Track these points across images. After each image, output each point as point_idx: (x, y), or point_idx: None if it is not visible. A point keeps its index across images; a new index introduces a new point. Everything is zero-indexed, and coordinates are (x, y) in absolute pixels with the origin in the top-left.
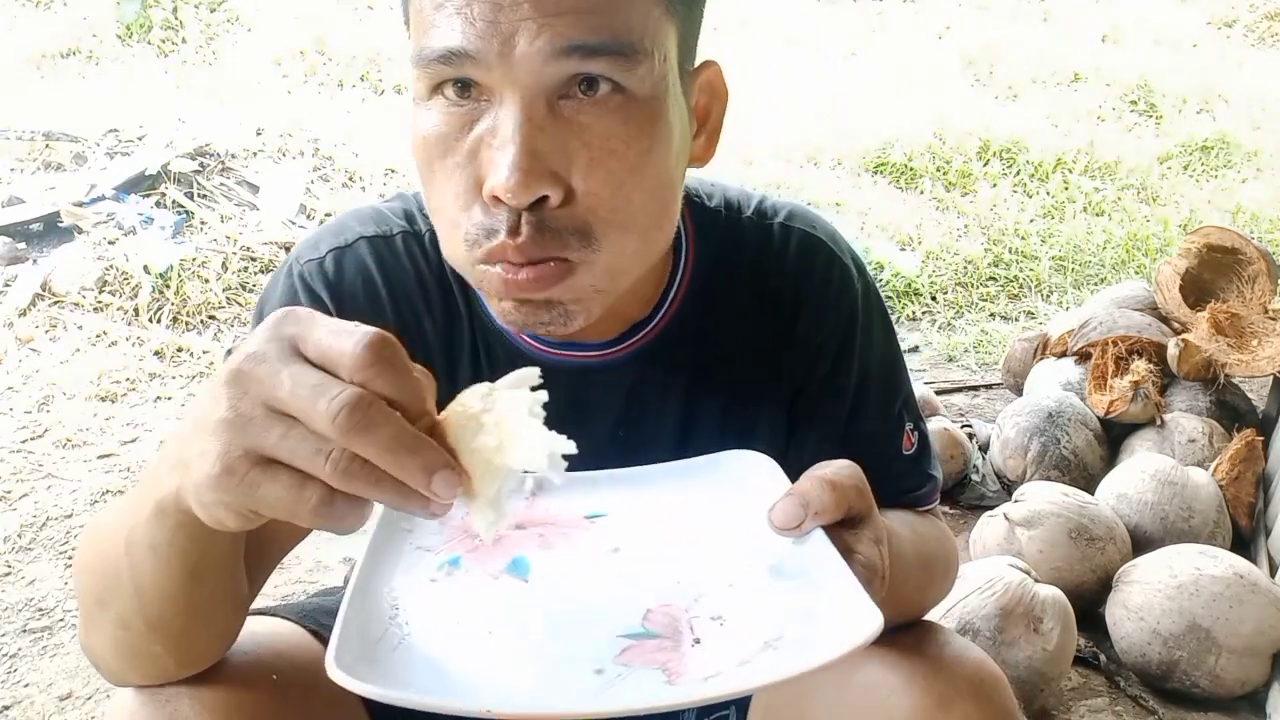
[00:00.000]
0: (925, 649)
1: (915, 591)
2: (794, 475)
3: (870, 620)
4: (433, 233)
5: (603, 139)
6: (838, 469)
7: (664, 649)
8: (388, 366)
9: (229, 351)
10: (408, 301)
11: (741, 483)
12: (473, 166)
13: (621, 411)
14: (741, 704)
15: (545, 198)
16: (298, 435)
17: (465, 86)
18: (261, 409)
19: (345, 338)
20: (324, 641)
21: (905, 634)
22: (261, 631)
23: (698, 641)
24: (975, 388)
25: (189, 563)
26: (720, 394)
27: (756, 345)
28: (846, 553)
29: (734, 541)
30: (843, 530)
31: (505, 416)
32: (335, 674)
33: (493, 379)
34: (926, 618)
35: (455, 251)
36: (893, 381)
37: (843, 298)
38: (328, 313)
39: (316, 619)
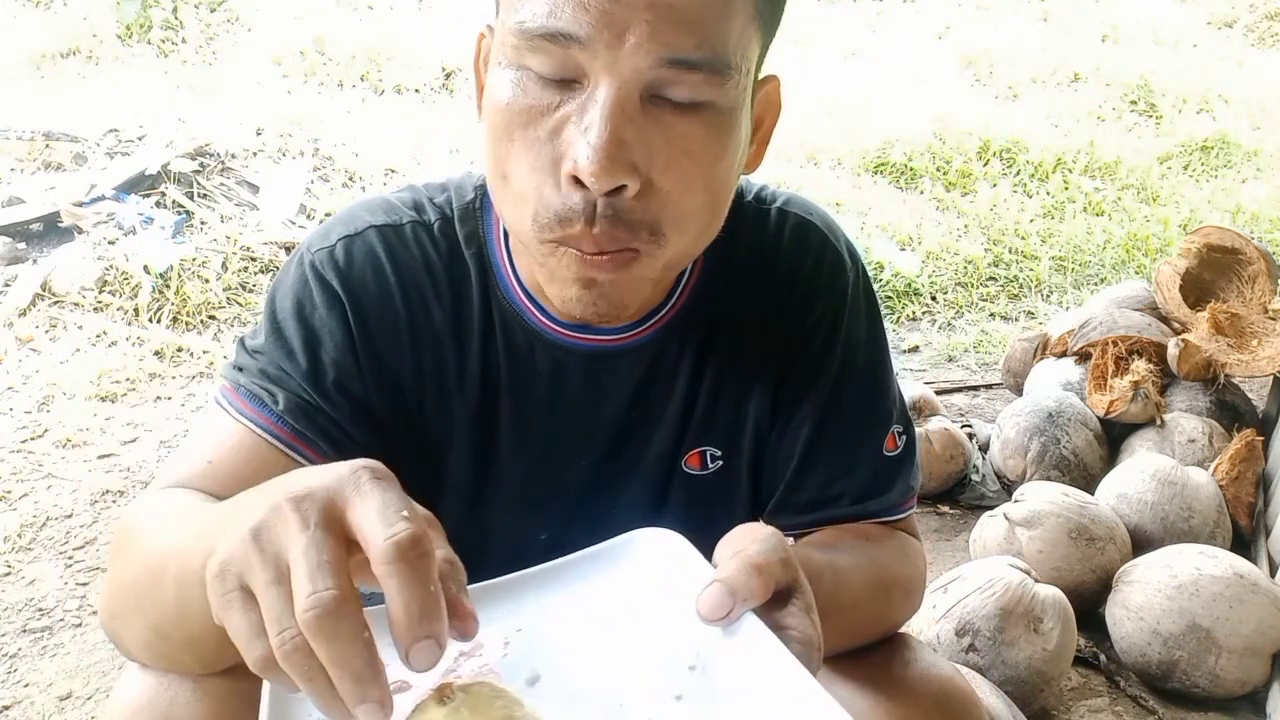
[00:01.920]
0: (892, 668)
1: (869, 618)
2: (771, 464)
3: (830, 712)
4: (443, 221)
5: (684, 141)
6: (760, 546)
7: None
8: (408, 568)
9: (240, 340)
10: (416, 289)
11: (657, 569)
12: (553, 144)
13: (635, 392)
14: None
15: (623, 187)
16: (275, 594)
17: (561, 64)
18: (269, 551)
19: (383, 526)
20: None
21: (874, 653)
22: None
23: None
24: (975, 388)
25: None
26: (718, 377)
27: (751, 327)
28: (777, 629)
29: (658, 640)
30: (771, 608)
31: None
32: None
33: (510, 362)
34: (901, 630)
35: (522, 228)
36: (879, 375)
37: (834, 282)
38: (339, 301)
39: None
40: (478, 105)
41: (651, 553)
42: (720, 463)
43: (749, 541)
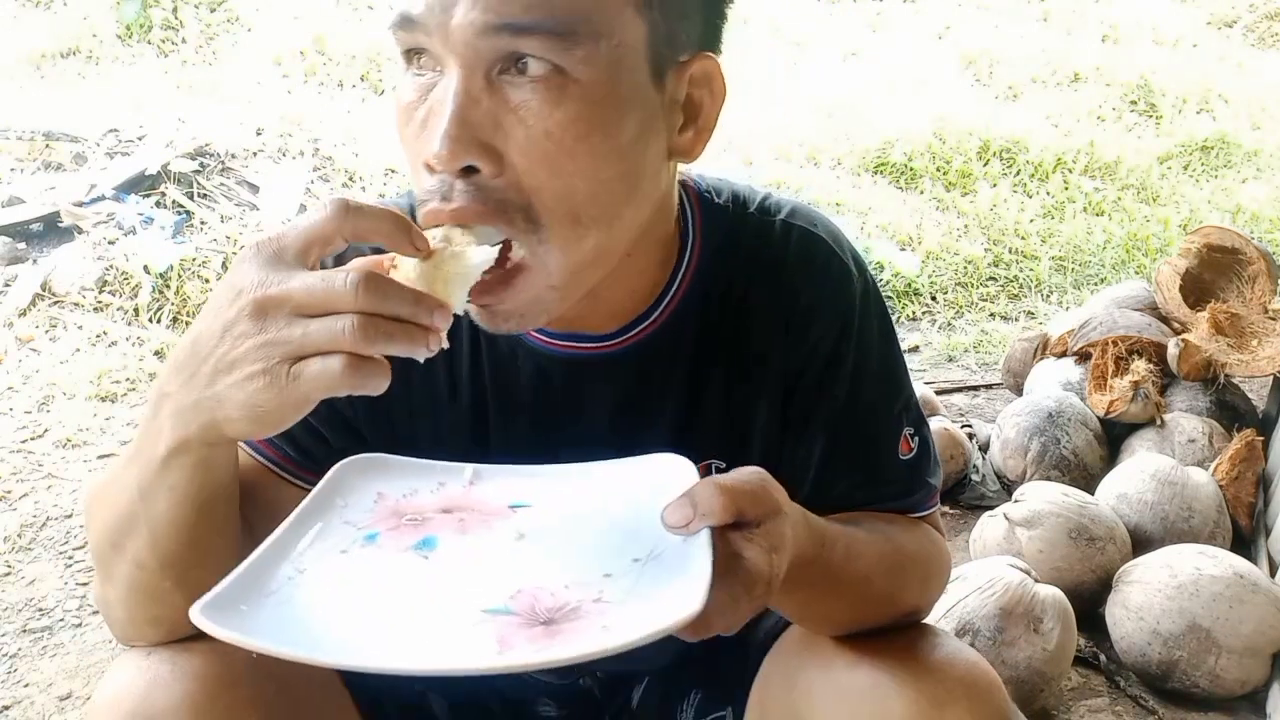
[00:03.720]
0: (919, 651)
1: (882, 594)
2: (787, 474)
3: (683, 609)
4: None
5: (537, 118)
6: (738, 474)
7: (511, 625)
8: (357, 212)
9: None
10: None
11: (656, 484)
12: (423, 135)
13: (620, 403)
14: (737, 707)
15: (473, 168)
16: (316, 325)
17: (422, 56)
18: (285, 320)
19: (306, 219)
20: None
21: (900, 636)
22: None
23: (546, 623)
24: (975, 388)
25: (201, 496)
26: (718, 388)
27: (754, 340)
28: (733, 556)
29: (628, 537)
30: (733, 533)
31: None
32: (194, 615)
33: (496, 370)
34: (926, 621)
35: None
36: (890, 383)
37: (840, 295)
38: None
39: None
40: None
41: (657, 470)
42: None
43: (735, 473)
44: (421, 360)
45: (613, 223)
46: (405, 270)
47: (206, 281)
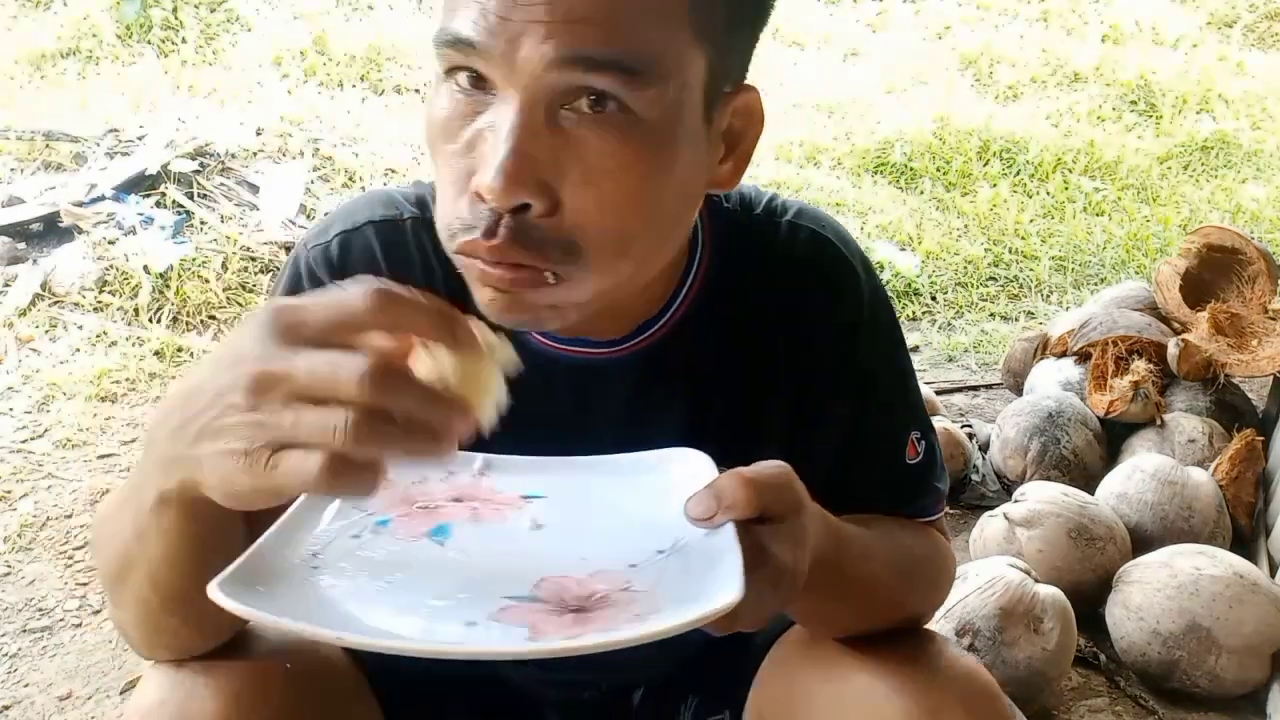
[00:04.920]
0: (918, 658)
1: (892, 597)
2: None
3: (722, 597)
4: None
5: (598, 157)
6: (761, 468)
7: (539, 612)
8: (396, 304)
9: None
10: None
11: (672, 476)
12: (469, 158)
13: (628, 408)
14: (735, 711)
15: (527, 206)
16: (310, 416)
17: (476, 77)
18: (279, 402)
19: (343, 299)
20: (348, 652)
21: (900, 642)
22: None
23: (577, 610)
24: (975, 388)
25: (197, 543)
26: (726, 392)
27: (762, 344)
28: (758, 550)
29: (648, 529)
30: (757, 528)
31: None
32: (213, 592)
33: None
34: (926, 626)
35: (441, 234)
36: (897, 387)
37: (848, 297)
38: None
39: None
40: None
41: (676, 464)
42: None
43: (757, 466)
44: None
45: (651, 256)
46: (440, 356)
47: (206, 281)
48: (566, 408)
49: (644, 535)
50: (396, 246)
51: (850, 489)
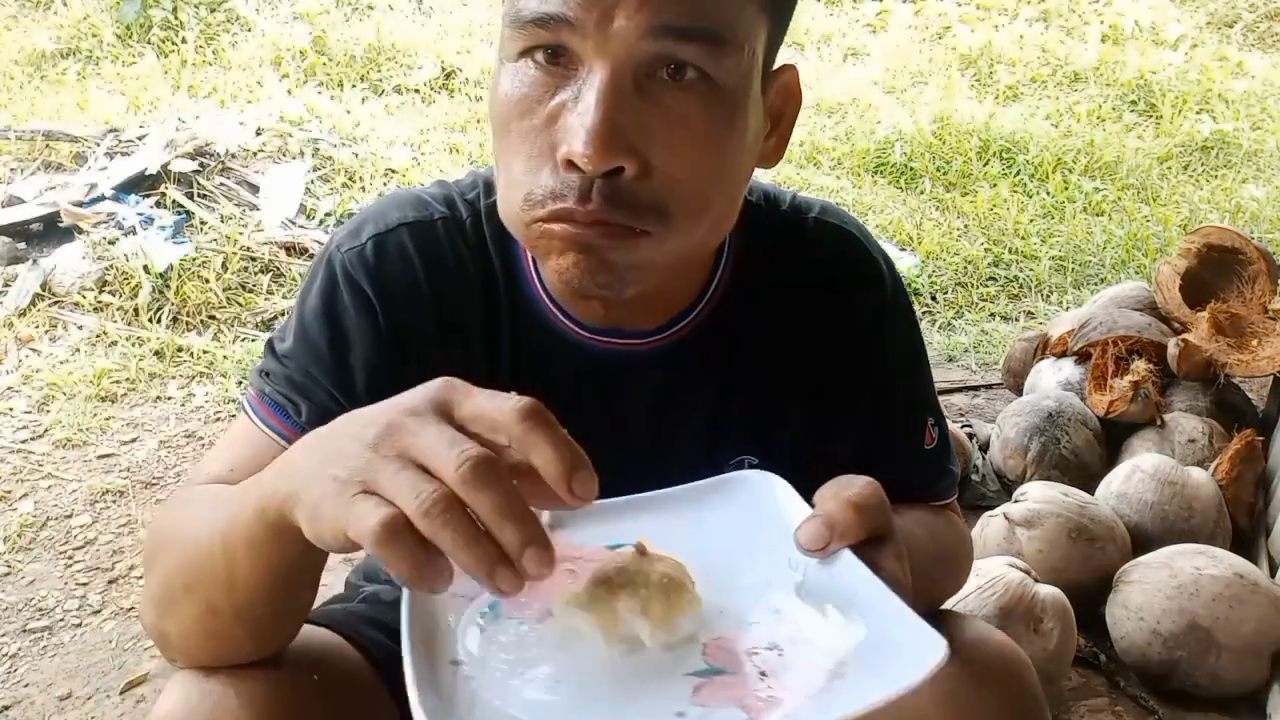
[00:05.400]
0: (953, 634)
1: (931, 587)
2: (820, 471)
3: (936, 646)
4: (474, 218)
5: (684, 120)
6: (859, 489)
7: (733, 685)
8: (543, 425)
9: (269, 343)
10: (448, 288)
11: (756, 504)
12: (549, 132)
13: (657, 399)
14: None
15: (620, 169)
16: (405, 476)
17: (555, 52)
18: (394, 453)
19: (502, 400)
20: (359, 648)
21: (931, 622)
22: (303, 635)
23: (764, 674)
24: (975, 388)
25: (283, 564)
26: (753, 384)
27: (790, 336)
28: (873, 569)
29: (761, 567)
30: (865, 549)
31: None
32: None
33: (534, 364)
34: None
35: (512, 210)
36: (917, 378)
37: (873, 291)
38: (369, 303)
39: (355, 628)
40: None
41: (750, 489)
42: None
43: (848, 486)
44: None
45: (721, 221)
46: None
47: (206, 281)
48: (597, 400)
49: (759, 575)
50: (430, 246)
51: (877, 476)
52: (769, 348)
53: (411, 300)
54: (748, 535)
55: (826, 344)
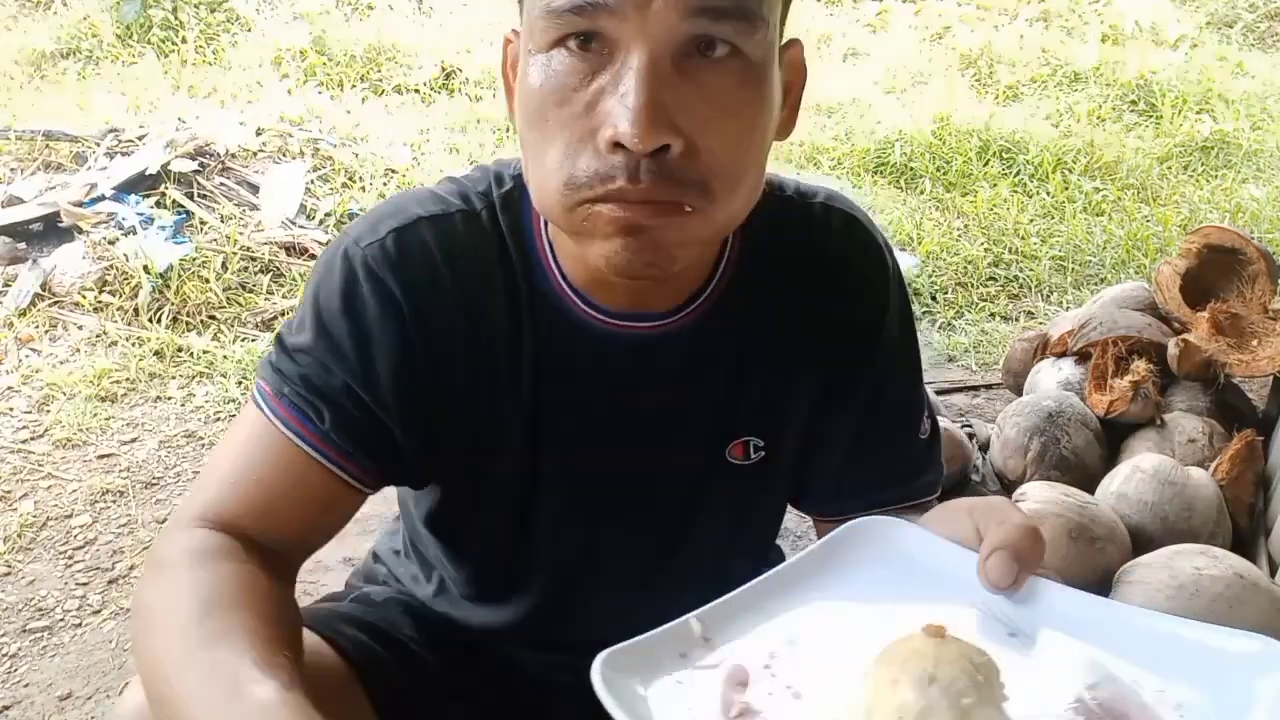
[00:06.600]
0: None
1: None
2: (820, 453)
3: (1252, 640)
4: (489, 211)
5: (721, 98)
6: (1017, 522)
7: None
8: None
9: (279, 336)
10: (471, 281)
11: (882, 554)
12: (589, 117)
13: (676, 382)
14: None
15: (667, 147)
16: None
17: (589, 39)
18: None
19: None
20: (337, 649)
21: None
22: None
23: None
24: (975, 388)
25: None
26: (760, 367)
27: (798, 317)
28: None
29: (953, 619)
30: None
31: None
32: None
33: (556, 353)
34: None
35: (550, 197)
36: (914, 365)
37: (878, 277)
38: (392, 296)
39: (333, 626)
40: (509, 110)
41: (882, 541)
42: (762, 453)
43: (1000, 511)
44: None
45: (753, 194)
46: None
47: (206, 281)
48: (615, 383)
49: (960, 627)
50: (450, 239)
51: (872, 465)
52: (780, 331)
53: (435, 293)
54: (912, 586)
55: (836, 326)
